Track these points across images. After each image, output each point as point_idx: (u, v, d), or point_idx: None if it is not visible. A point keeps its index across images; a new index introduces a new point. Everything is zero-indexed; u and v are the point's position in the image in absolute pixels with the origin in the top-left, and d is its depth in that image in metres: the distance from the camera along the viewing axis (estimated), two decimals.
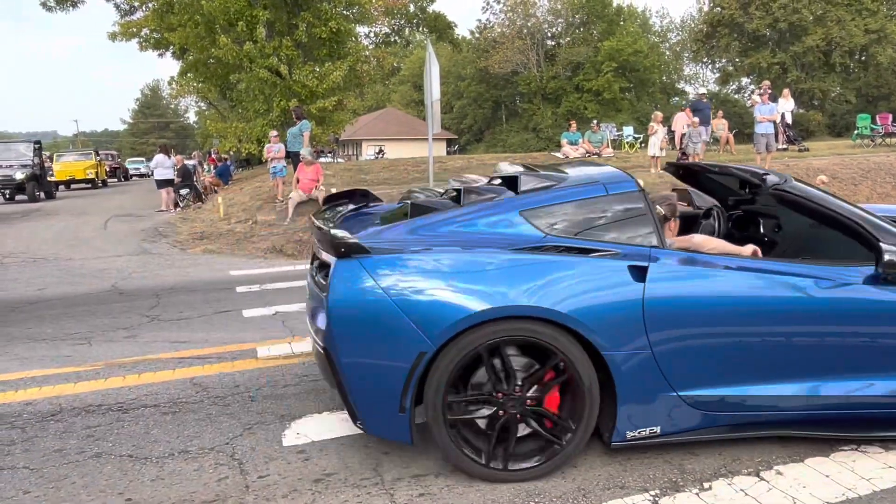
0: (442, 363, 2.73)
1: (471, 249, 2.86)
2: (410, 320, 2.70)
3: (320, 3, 16.58)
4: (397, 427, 2.82)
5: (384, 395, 2.78)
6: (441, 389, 2.74)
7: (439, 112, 10.71)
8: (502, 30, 52.79)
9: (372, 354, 2.78)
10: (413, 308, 2.71)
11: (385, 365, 2.76)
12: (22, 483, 2.99)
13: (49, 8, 22.48)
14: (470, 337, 2.72)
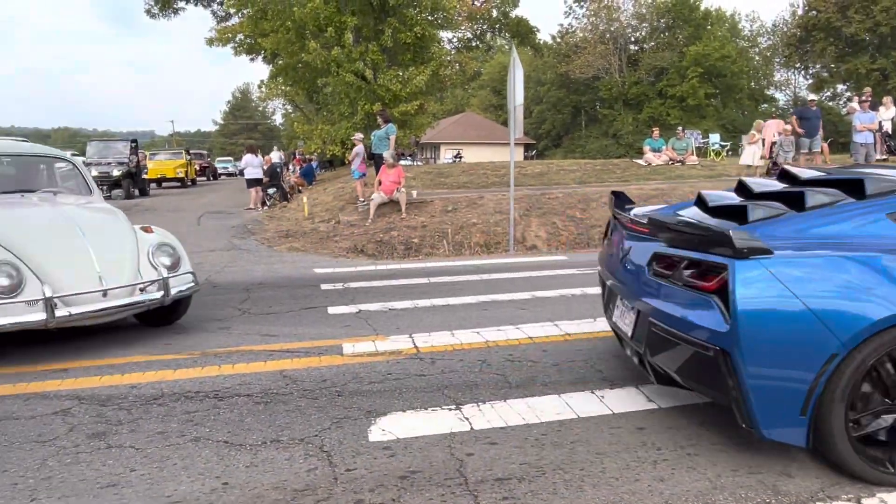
0: (849, 368, 2.71)
1: (857, 251, 2.85)
2: (822, 322, 2.70)
3: (406, 9, 16.88)
4: (794, 431, 2.80)
5: (786, 398, 2.77)
6: (845, 395, 2.73)
7: (522, 117, 10.70)
8: (584, 34, 52.20)
9: (778, 357, 2.77)
10: (824, 309, 2.71)
11: (791, 368, 2.76)
12: (129, 461, 3.19)
13: (153, 15, 23.90)
14: (880, 340, 2.70)
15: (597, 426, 3.45)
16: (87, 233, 5.12)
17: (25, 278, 4.62)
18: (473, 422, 3.53)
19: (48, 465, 3.15)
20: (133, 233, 5.49)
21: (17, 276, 4.58)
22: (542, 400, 3.81)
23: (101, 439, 3.43)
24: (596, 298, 6.44)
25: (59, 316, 4.59)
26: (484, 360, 4.57)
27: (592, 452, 3.15)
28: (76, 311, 4.67)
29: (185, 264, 5.59)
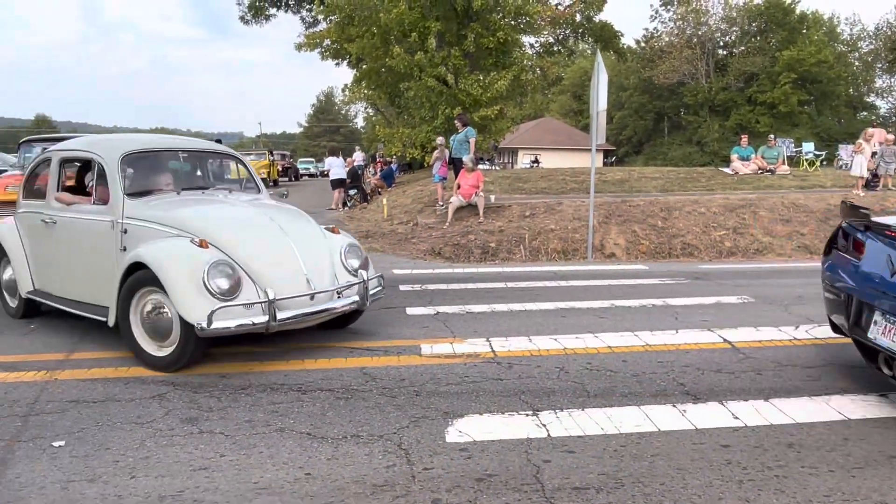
0: None
1: None
2: None
3: (490, 14, 16.94)
4: None
5: None
6: None
7: (604, 122, 10.54)
8: (670, 39, 50.87)
9: None
10: None
11: None
12: (219, 447, 3.35)
13: (246, 22, 24.96)
14: None
15: (678, 441, 3.37)
16: (288, 232, 4.87)
17: (241, 279, 4.41)
18: (551, 429, 3.52)
19: (146, 446, 3.35)
20: (324, 233, 5.25)
21: (234, 277, 4.35)
22: (621, 411, 3.76)
23: (193, 424, 3.61)
24: (679, 309, 6.29)
25: (279, 319, 4.37)
26: (562, 367, 4.54)
27: (673, 467, 3.08)
28: (288, 314, 4.43)
29: (372, 266, 5.38)
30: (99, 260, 4.97)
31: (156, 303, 4.47)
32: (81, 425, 3.60)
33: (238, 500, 2.83)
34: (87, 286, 5.11)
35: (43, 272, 5.59)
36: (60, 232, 5.33)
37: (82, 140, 6.23)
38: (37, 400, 3.98)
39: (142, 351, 4.54)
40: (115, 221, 4.87)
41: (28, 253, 5.73)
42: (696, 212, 11.58)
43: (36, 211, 5.62)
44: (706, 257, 10.50)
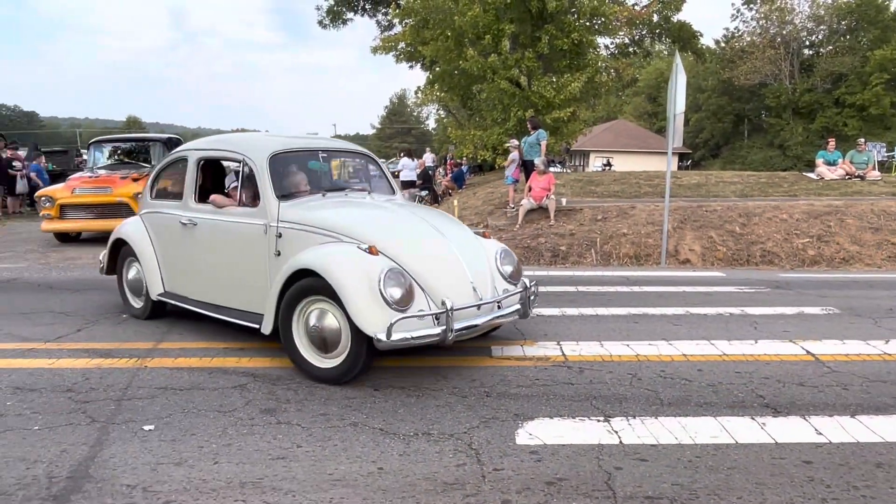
0: None
1: None
2: None
3: (564, 16, 16.79)
4: None
5: None
6: None
7: (682, 125, 10.28)
8: (752, 38, 49.03)
9: None
10: None
11: None
12: (296, 438, 3.47)
13: (324, 26, 25.63)
14: None
15: (757, 455, 3.27)
16: (448, 237, 4.63)
17: (413, 287, 4.17)
18: (623, 436, 3.47)
19: (228, 433, 3.50)
20: (477, 238, 4.99)
21: (406, 285, 4.10)
22: (696, 421, 3.67)
23: (272, 415, 3.75)
24: (758, 319, 6.07)
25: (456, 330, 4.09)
26: (634, 373, 4.47)
27: (752, 482, 2.99)
28: (458, 325, 4.14)
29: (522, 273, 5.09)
30: (249, 265, 4.81)
31: (322, 312, 4.24)
32: (169, 411, 3.80)
33: (314, 490, 2.92)
34: (234, 291, 4.96)
35: (178, 275, 5.51)
36: (203, 235, 5.18)
37: (221, 139, 5.98)
38: (129, 385, 4.22)
39: (304, 361, 4.34)
40: (267, 225, 4.67)
41: (159, 255, 5.66)
42: (777, 218, 11.14)
43: (170, 212, 5.50)
44: (787, 266, 10.08)
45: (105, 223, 10.33)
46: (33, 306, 6.49)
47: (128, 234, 5.93)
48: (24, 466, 3.13)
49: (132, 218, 6.13)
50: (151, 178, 6.03)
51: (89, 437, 3.45)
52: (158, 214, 5.71)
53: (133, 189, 10.60)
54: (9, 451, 3.29)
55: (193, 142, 6.02)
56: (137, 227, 5.89)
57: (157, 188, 5.97)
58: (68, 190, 11.05)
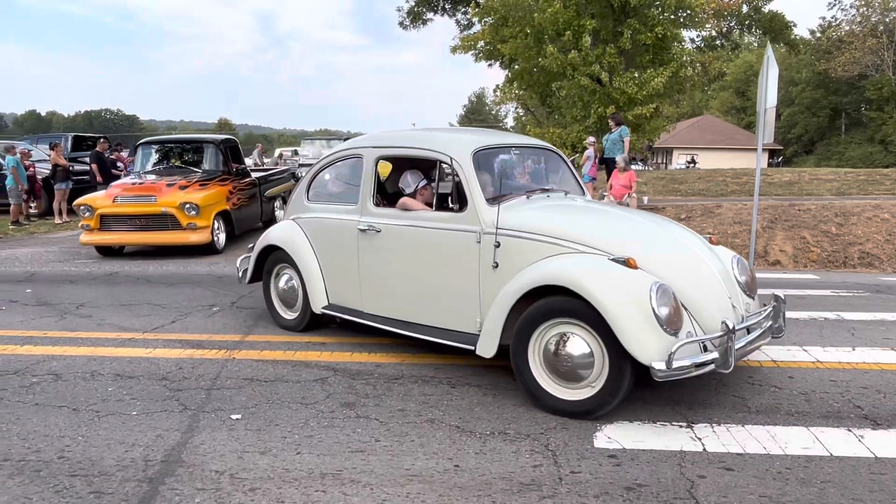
0: None
1: None
2: None
3: (648, 10, 16.34)
4: None
5: None
6: None
7: (773, 120, 9.82)
8: (851, 28, 46.21)
9: None
10: None
11: None
12: (374, 432, 3.53)
13: (405, 27, 25.97)
14: None
15: (854, 469, 3.09)
16: (692, 246, 4.11)
17: (679, 307, 3.60)
18: (707, 443, 3.36)
19: (310, 425, 3.61)
20: (709, 244, 4.37)
21: (673, 304, 3.53)
22: (786, 430, 3.50)
23: (351, 409, 3.84)
24: (856, 325, 5.73)
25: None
26: (719, 379, 4.30)
27: (848, 497, 2.83)
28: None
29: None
30: (454, 278, 4.25)
31: (566, 335, 3.68)
32: (255, 401, 3.95)
33: (391, 484, 2.97)
34: (431, 307, 4.42)
35: (349, 287, 4.96)
36: (389, 243, 4.63)
37: (401, 136, 5.40)
38: (218, 375, 4.42)
39: (542, 392, 3.76)
40: (481, 232, 4.10)
41: (322, 264, 5.15)
42: (877, 217, 10.47)
43: (340, 217, 4.99)
44: (889, 268, 9.46)
45: (148, 236, 9.74)
46: (133, 298, 6.89)
47: (283, 240, 5.40)
48: (124, 449, 3.33)
49: (283, 223, 5.60)
50: (308, 178, 5.50)
51: (182, 424, 3.63)
52: (321, 219, 5.17)
53: (180, 198, 9.51)
54: (111, 433, 3.51)
55: (361, 138, 5.49)
56: (294, 233, 5.34)
57: (315, 190, 5.44)
58: (109, 198, 9.80)
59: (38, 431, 3.55)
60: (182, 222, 9.45)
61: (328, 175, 5.47)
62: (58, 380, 4.36)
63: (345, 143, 5.47)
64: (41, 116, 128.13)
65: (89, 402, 3.96)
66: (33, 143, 18.07)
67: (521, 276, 3.86)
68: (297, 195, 5.60)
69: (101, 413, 3.80)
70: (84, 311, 6.32)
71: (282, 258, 5.45)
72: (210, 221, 9.74)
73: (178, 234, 9.54)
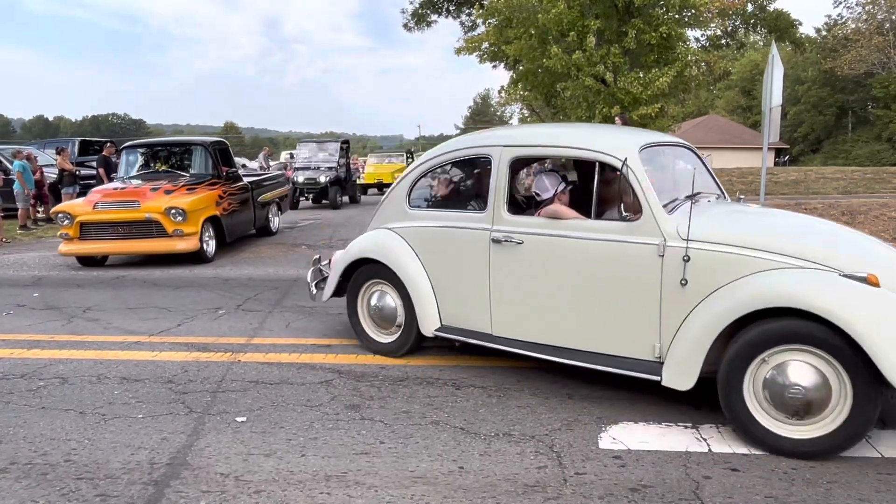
0: None
1: None
2: None
3: (652, 10, 16.31)
4: None
5: None
6: None
7: (778, 119, 9.79)
8: (857, 25, 46.00)
9: None
10: None
11: None
12: (378, 434, 3.54)
13: (409, 29, 26.02)
14: None
15: (860, 469, 3.07)
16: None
17: None
18: (712, 444, 3.35)
19: (314, 427, 3.62)
20: None
21: None
22: None
23: (356, 411, 3.84)
24: None
25: None
26: None
27: (854, 497, 2.82)
28: None
29: None
30: (626, 297, 3.71)
31: (790, 365, 3.21)
32: (260, 404, 3.96)
33: (395, 486, 2.97)
34: (594, 330, 3.85)
35: (472, 305, 4.34)
36: (533, 256, 4.03)
37: (537, 133, 4.75)
38: (223, 378, 4.43)
39: (761, 430, 3.29)
40: (663, 245, 3.58)
41: (433, 279, 4.53)
42: (885, 216, 10.42)
43: (462, 225, 4.36)
44: None
45: (132, 245, 9.14)
46: (139, 302, 6.92)
47: (380, 252, 4.74)
48: (130, 452, 3.34)
49: (376, 233, 4.92)
50: (408, 182, 4.82)
51: (187, 427, 3.65)
52: (433, 228, 4.54)
53: (165, 203, 8.95)
54: (116, 436, 3.53)
55: (485, 136, 4.66)
56: (394, 244, 4.70)
57: (419, 195, 4.87)
58: (89, 205, 9.22)
59: (45, 435, 3.58)
60: (168, 229, 8.90)
61: (438, 178, 4.89)
62: (64, 383, 4.38)
63: (457, 142, 4.76)
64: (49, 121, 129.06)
65: (95, 406, 3.98)
66: (41, 147, 18.19)
67: (728, 296, 3.36)
68: (392, 201, 4.91)
69: (107, 416, 3.82)
70: (91, 315, 6.35)
71: (375, 273, 4.80)
72: (198, 228, 9.16)
73: (164, 241, 9.01)
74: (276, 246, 11.18)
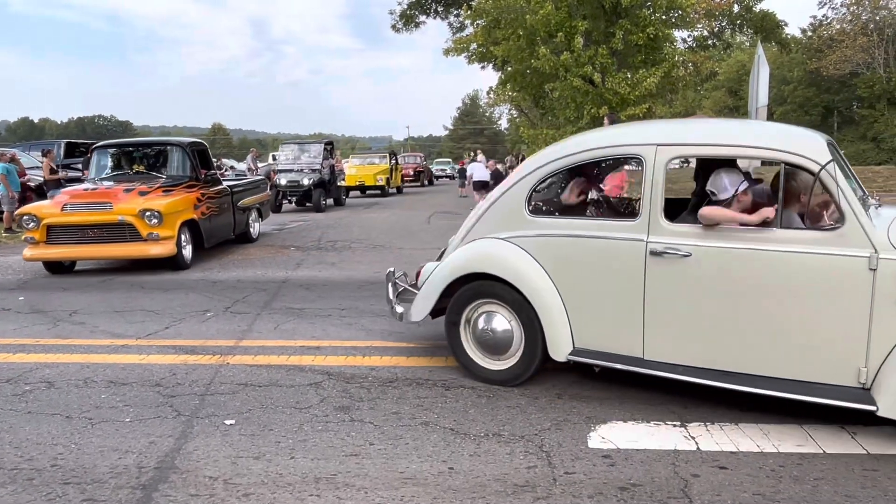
0: None
1: None
2: None
3: (639, 10, 16.41)
4: None
5: None
6: None
7: (765, 119, 9.86)
8: (842, 26, 46.45)
9: None
10: None
11: None
12: (368, 435, 3.53)
13: (397, 30, 26.05)
14: None
15: (847, 466, 3.10)
16: None
17: None
18: (700, 442, 3.37)
19: (304, 430, 3.60)
20: None
21: None
22: (780, 428, 3.51)
23: (345, 412, 3.83)
24: None
25: None
26: None
27: (841, 494, 2.84)
28: None
29: None
30: (826, 316, 3.35)
31: None
32: (249, 406, 3.94)
33: (385, 487, 2.97)
34: (783, 354, 3.46)
35: (618, 326, 3.86)
36: (706, 271, 3.58)
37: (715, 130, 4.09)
38: (212, 381, 4.41)
39: None
40: (874, 257, 3.23)
41: (565, 296, 3.99)
42: None
43: (609, 235, 3.84)
44: None
45: (103, 249, 8.64)
46: (126, 305, 6.87)
47: (499, 266, 4.13)
48: (117, 456, 3.32)
49: (488, 243, 4.28)
50: (527, 185, 4.17)
51: (175, 430, 3.62)
52: (567, 238, 3.99)
53: (139, 204, 8.44)
54: (104, 440, 3.50)
55: (629, 132, 4.20)
56: (515, 257, 4.11)
57: (542, 200, 4.34)
58: (57, 206, 8.68)
59: (31, 439, 3.54)
60: (142, 232, 8.39)
61: (569, 180, 4.38)
62: (51, 387, 4.35)
63: (592, 140, 4.18)
64: (34, 123, 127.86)
65: (82, 410, 3.95)
66: (26, 150, 18.02)
67: None
68: (503, 206, 4.29)
69: (94, 420, 3.79)
70: (77, 318, 6.30)
71: (485, 290, 4.22)
72: (175, 231, 8.65)
73: (138, 245, 8.47)
74: (265, 248, 11.14)
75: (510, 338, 4.17)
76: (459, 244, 4.49)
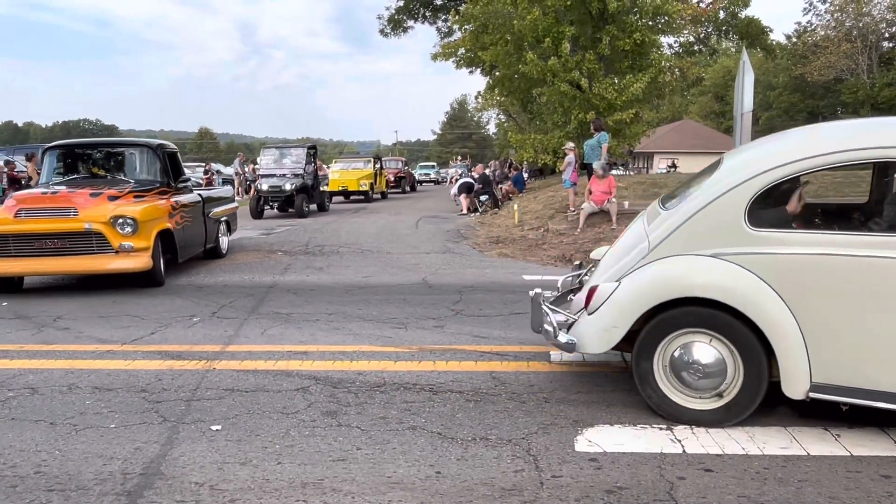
0: None
1: None
2: None
3: (626, 16, 16.54)
4: None
5: None
6: None
7: (749, 125, 9.95)
8: (826, 32, 47.04)
9: None
10: None
11: None
12: (355, 440, 3.52)
13: (385, 34, 26.09)
14: None
15: (830, 467, 3.13)
16: None
17: None
18: (686, 445, 3.38)
19: (290, 435, 3.59)
20: None
21: None
22: (765, 431, 3.54)
23: (333, 417, 3.82)
24: None
25: None
26: None
27: (824, 496, 2.87)
28: None
29: None
30: None
31: None
32: (235, 412, 3.92)
33: (372, 492, 2.96)
34: None
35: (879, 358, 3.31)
36: None
37: None
38: (198, 386, 4.38)
39: None
40: None
41: (803, 324, 3.39)
42: None
43: (867, 254, 3.27)
44: None
45: (64, 263, 7.43)
46: (111, 310, 6.81)
47: (720, 289, 3.51)
48: (102, 462, 3.29)
49: (697, 261, 3.63)
50: (749, 192, 3.53)
51: (161, 436, 3.60)
52: (809, 257, 3.39)
53: (110, 211, 7.42)
54: (88, 447, 3.47)
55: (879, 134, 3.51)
56: (740, 278, 3.49)
57: (766, 211, 3.60)
58: (9, 212, 7.44)
59: (14, 446, 3.50)
60: (113, 243, 7.31)
61: (801, 189, 3.78)
62: (34, 393, 4.30)
63: (830, 140, 3.62)
64: (18, 127, 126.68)
65: (66, 416, 3.91)
66: (10, 154, 17.86)
67: None
68: (710, 218, 3.64)
69: (78, 426, 3.75)
70: (61, 324, 6.25)
71: (693, 318, 3.60)
72: (151, 242, 7.59)
73: (107, 258, 7.38)
74: (252, 252, 11.10)
75: (723, 373, 3.57)
76: (641, 262, 3.81)
